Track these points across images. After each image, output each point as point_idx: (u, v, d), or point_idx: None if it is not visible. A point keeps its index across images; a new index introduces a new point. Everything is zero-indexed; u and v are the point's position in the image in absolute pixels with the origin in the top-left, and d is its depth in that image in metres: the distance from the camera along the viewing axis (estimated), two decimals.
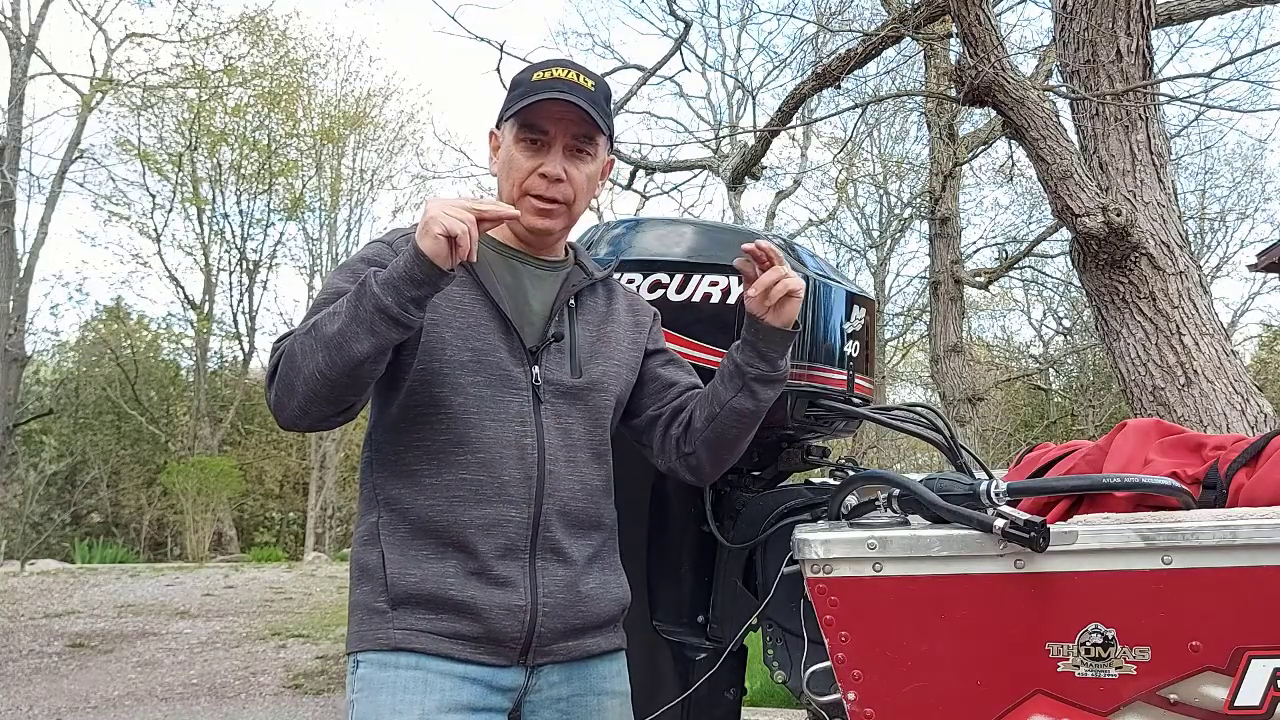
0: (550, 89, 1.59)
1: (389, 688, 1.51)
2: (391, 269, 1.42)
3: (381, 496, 1.59)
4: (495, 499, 1.55)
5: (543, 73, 1.63)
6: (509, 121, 1.65)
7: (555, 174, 1.61)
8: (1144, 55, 3.90)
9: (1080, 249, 3.79)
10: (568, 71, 1.63)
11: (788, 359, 1.66)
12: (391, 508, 1.57)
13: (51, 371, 21.66)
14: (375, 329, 1.40)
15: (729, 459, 1.71)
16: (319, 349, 1.42)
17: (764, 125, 8.44)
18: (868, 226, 21.65)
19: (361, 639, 1.56)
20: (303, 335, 1.46)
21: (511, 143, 1.64)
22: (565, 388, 1.62)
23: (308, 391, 1.44)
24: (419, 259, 1.39)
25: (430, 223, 1.38)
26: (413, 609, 1.53)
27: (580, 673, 1.63)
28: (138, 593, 9.88)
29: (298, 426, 1.52)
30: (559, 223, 1.65)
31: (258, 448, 21.58)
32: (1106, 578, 1.35)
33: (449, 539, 1.54)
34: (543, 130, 1.61)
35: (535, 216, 1.63)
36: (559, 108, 1.60)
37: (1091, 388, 20.30)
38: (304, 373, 1.43)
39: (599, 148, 1.67)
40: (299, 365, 1.44)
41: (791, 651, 1.94)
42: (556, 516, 1.59)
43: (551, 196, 1.62)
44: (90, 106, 18.16)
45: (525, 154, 1.62)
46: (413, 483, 1.56)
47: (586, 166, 1.65)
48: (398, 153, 23.01)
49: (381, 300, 1.39)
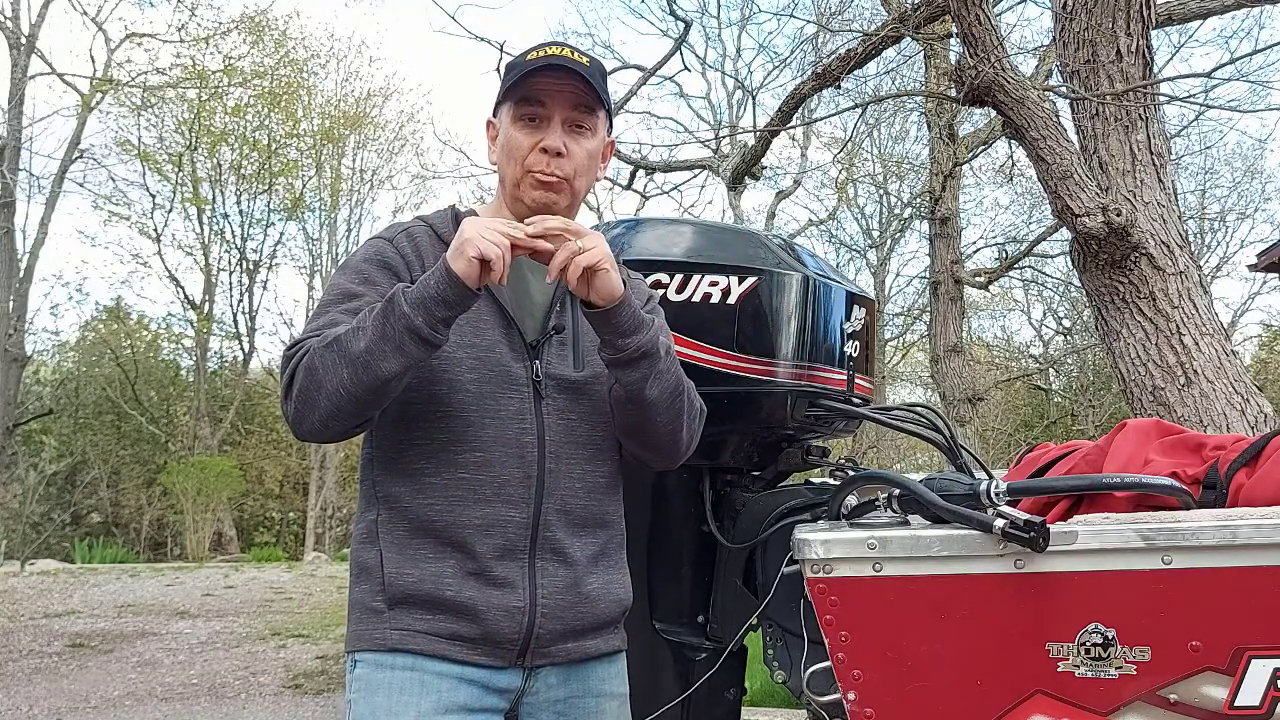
0: (545, 62, 1.57)
1: (385, 689, 1.50)
2: (422, 288, 1.40)
3: (381, 494, 1.57)
4: (494, 499, 1.53)
5: (537, 52, 1.61)
6: (506, 104, 1.63)
7: (555, 147, 1.58)
8: (1144, 55, 3.90)
9: (1080, 249, 3.79)
10: (562, 49, 1.61)
11: (645, 335, 1.51)
12: (390, 506, 1.56)
13: (51, 371, 21.67)
14: (404, 349, 1.40)
15: (652, 446, 1.63)
16: (343, 365, 1.41)
17: (764, 125, 8.44)
18: (868, 226, 21.67)
19: (359, 638, 1.55)
20: (322, 349, 1.44)
21: (510, 123, 1.61)
22: (567, 382, 1.60)
23: (331, 407, 1.44)
24: (451, 280, 1.38)
25: (465, 245, 1.37)
26: (410, 609, 1.52)
27: (579, 674, 1.62)
28: (138, 593, 9.88)
29: (317, 439, 1.52)
30: (561, 199, 1.62)
31: (258, 448, 21.60)
32: (1106, 578, 1.35)
33: (447, 539, 1.52)
34: (540, 103, 1.59)
35: (538, 190, 1.60)
36: (555, 81, 1.58)
37: (1091, 388, 20.30)
38: (327, 388, 1.42)
39: (599, 123, 1.65)
40: (321, 380, 1.43)
41: (791, 651, 1.94)
42: (557, 516, 1.57)
43: (552, 172, 1.59)
44: (90, 106, 18.16)
45: (524, 131, 1.60)
46: (412, 481, 1.55)
47: (587, 142, 1.63)
48: (398, 153, 23.07)
49: (412, 320, 1.38)
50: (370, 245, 1.64)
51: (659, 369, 1.54)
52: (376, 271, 1.59)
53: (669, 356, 1.58)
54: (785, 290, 2.01)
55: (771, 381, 1.99)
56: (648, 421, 1.59)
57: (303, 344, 1.49)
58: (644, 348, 1.51)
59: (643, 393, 1.54)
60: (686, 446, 1.66)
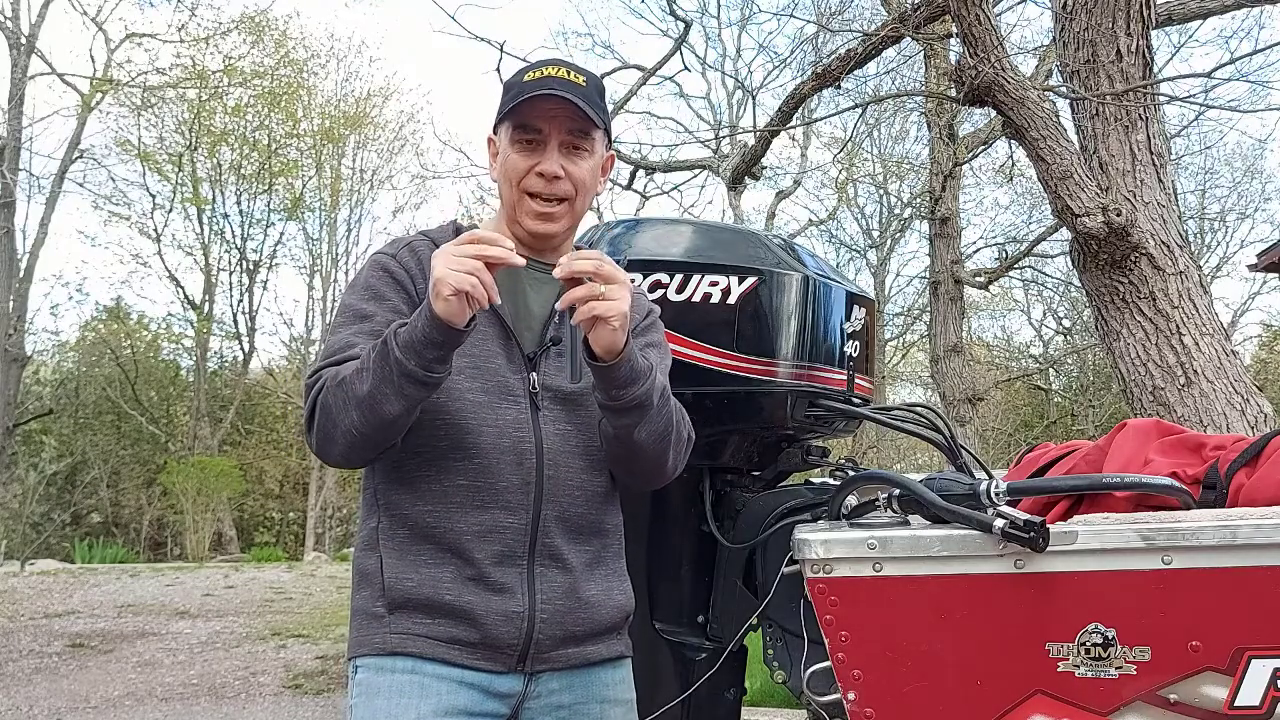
0: (541, 87, 1.58)
1: (386, 692, 1.51)
2: (410, 331, 1.41)
3: (382, 501, 1.59)
4: (492, 505, 1.54)
5: (534, 73, 1.62)
6: (504, 125, 1.64)
7: (552, 171, 1.60)
8: (1144, 55, 3.90)
9: (1080, 249, 3.79)
10: (558, 69, 1.62)
11: (639, 388, 1.49)
12: (391, 513, 1.57)
13: (51, 371, 21.67)
14: (404, 391, 1.42)
15: (635, 474, 1.65)
16: (352, 408, 1.45)
17: (764, 125, 8.43)
18: (868, 226, 21.68)
19: (360, 644, 1.56)
20: (334, 389, 1.47)
21: (507, 144, 1.63)
22: (564, 394, 1.61)
23: (347, 444, 1.49)
24: (434, 323, 1.39)
25: (439, 284, 1.37)
26: (409, 613, 1.53)
27: (582, 680, 1.62)
28: (138, 593, 9.88)
29: (343, 467, 1.58)
30: (561, 224, 1.64)
31: (258, 448, 21.60)
32: (1106, 578, 1.35)
33: (446, 544, 1.54)
34: (536, 129, 1.61)
35: (536, 221, 1.62)
36: (551, 105, 1.59)
37: (1091, 388, 20.31)
38: (340, 428, 1.48)
39: (596, 143, 1.66)
40: (336, 420, 1.48)
41: (791, 651, 1.94)
42: (556, 522, 1.58)
43: (551, 194, 1.61)
44: (90, 106, 18.17)
45: (521, 154, 1.62)
46: (411, 488, 1.56)
47: (585, 162, 1.64)
48: (398, 153, 23.06)
49: (405, 366, 1.40)
50: (374, 262, 1.65)
51: (649, 415, 1.54)
52: (385, 288, 1.61)
53: (663, 399, 1.57)
54: (785, 290, 2.01)
55: (771, 381, 1.99)
56: (633, 458, 1.60)
57: (320, 375, 1.52)
58: (637, 400, 1.50)
59: (631, 436, 1.55)
60: (671, 473, 1.68)
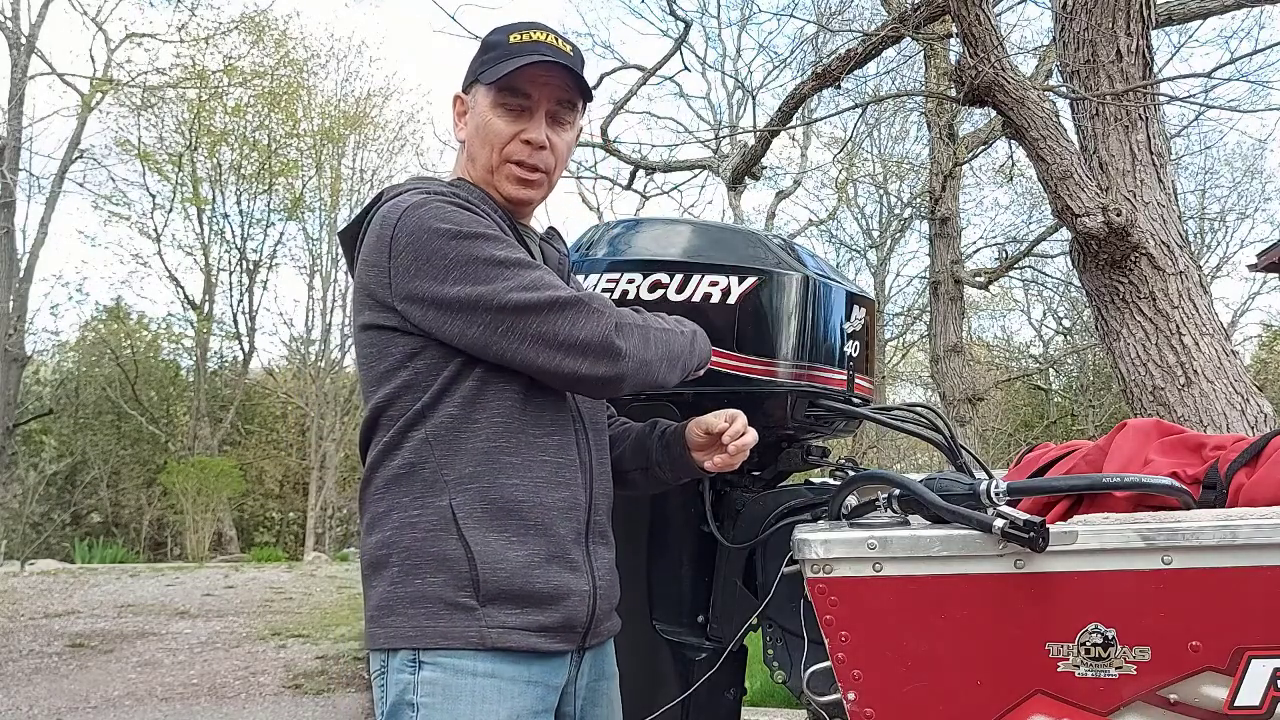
0: (533, 52, 1.54)
1: (468, 697, 1.42)
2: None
3: (451, 477, 1.45)
4: (571, 482, 1.52)
5: (519, 35, 1.57)
6: (485, 86, 1.57)
7: (540, 141, 1.57)
8: (1144, 55, 3.90)
9: (1080, 249, 3.79)
10: (545, 35, 1.58)
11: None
12: (464, 488, 1.45)
13: (51, 371, 21.66)
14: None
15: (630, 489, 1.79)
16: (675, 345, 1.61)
17: (764, 125, 8.43)
18: (868, 226, 21.67)
19: (434, 635, 1.43)
20: (656, 330, 1.59)
21: (488, 107, 1.57)
22: None
23: (668, 370, 1.60)
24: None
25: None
26: (502, 604, 1.44)
27: (598, 657, 1.63)
28: (138, 593, 9.88)
29: (642, 389, 1.62)
30: (540, 192, 1.62)
31: (258, 448, 21.60)
32: (1106, 578, 1.35)
33: (532, 522, 1.46)
34: (525, 94, 1.56)
35: (517, 187, 1.59)
36: (543, 72, 1.55)
37: (1091, 388, 20.30)
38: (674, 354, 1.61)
39: (578, 115, 1.64)
40: (669, 349, 1.60)
41: (791, 651, 1.94)
42: (602, 498, 1.60)
43: (534, 164, 1.58)
44: (90, 106, 18.16)
45: (505, 119, 1.57)
46: (490, 461, 1.46)
47: (567, 134, 1.61)
48: (398, 153, 23.03)
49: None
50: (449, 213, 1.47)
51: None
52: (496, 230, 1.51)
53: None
54: (785, 290, 2.01)
55: (771, 381, 1.99)
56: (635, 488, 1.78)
57: (595, 304, 1.47)
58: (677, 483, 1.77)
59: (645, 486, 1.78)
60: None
